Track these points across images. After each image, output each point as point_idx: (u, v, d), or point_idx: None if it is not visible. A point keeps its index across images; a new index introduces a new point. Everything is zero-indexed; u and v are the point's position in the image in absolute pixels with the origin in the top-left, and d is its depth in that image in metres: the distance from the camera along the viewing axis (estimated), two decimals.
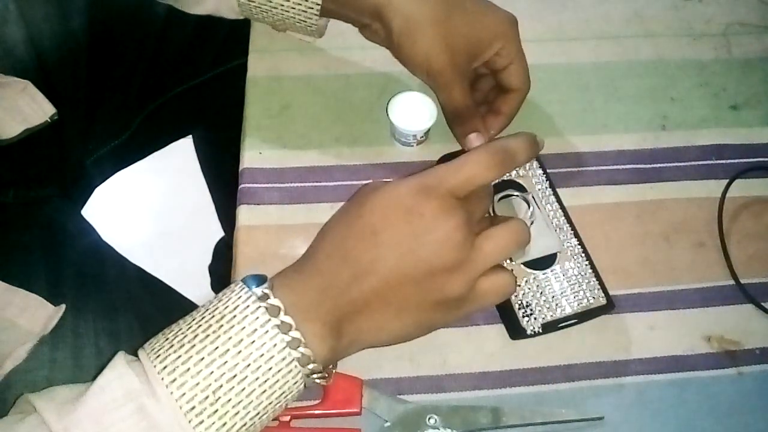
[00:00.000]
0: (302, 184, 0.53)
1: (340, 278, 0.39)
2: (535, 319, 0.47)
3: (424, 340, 0.47)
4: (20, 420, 0.36)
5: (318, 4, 0.53)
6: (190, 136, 0.90)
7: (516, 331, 0.47)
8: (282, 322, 0.38)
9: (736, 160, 0.56)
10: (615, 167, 0.55)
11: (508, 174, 0.52)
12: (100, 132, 0.71)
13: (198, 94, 0.75)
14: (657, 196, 0.54)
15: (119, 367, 0.37)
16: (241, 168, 0.54)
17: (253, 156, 0.54)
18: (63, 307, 0.55)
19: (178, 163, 1.01)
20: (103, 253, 0.66)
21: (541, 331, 0.47)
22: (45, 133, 0.60)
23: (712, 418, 0.46)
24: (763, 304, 0.50)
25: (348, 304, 0.39)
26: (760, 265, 0.52)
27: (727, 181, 0.54)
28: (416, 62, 0.51)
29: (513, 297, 0.48)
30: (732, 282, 0.51)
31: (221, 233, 1.07)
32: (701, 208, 0.54)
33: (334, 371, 0.43)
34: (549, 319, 0.47)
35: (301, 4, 0.53)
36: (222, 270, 1.08)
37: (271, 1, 0.53)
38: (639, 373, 0.47)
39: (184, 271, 0.92)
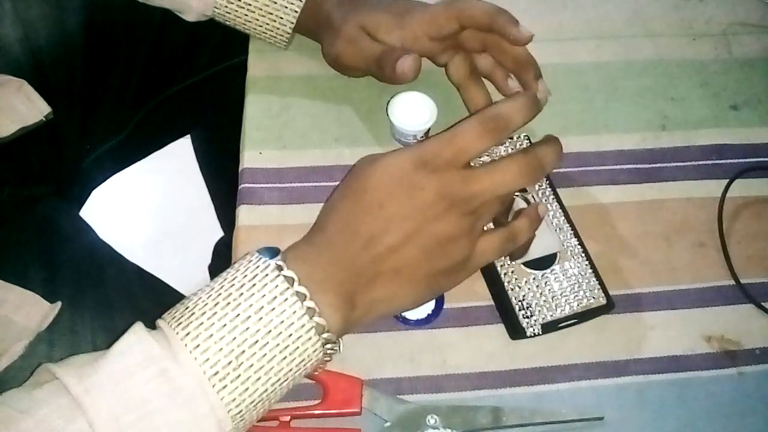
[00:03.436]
0: (302, 184, 0.53)
1: (351, 251, 0.41)
2: (535, 319, 0.47)
3: (424, 340, 0.48)
4: (38, 386, 0.36)
5: (288, 32, 0.56)
6: (189, 135, 0.90)
7: (516, 331, 0.47)
8: (297, 291, 0.38)
9: (736, 160, 0.56)
10: (615, 167, 0.55)
11: None
12: (97, 131, 0.71)
13: (195, 93, 0.75)
14: (657, 196, 0.54)
15: (139, 332, 0.37)
16: (241, 168, 0.54)
17: (253, 156, 0.54)
18: (59, 304, 0.55)
19: (176, 163, 1.01)
20: (100, 252, 0.66)
21: (540, 331, 0.47)
22: (40, 132, 0.60)
23: (712, 418, 0.46)
24: (763, 304, 0.50)
25: (360, 275, 0.41)
26: (760, 265, 0.52)
27: (727, 181, 0.54)
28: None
29: (513, 297, 0.48)
30: (732, 282, 0.51)
31: (221, 233, 1.07)
32: (701, 208, 0.54)
33: (341, 345, 0.43)
34: (549, 319, 0.47)
35: (272, 30, 0.56)
36: (222, 270, 1.07)
37: (245, 24, 0.56)
38: (639, 373, 0.47)
39: (183, 271, 0.92)
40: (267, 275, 0.39)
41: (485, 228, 0.45)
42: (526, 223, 0.45)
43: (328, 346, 0.40)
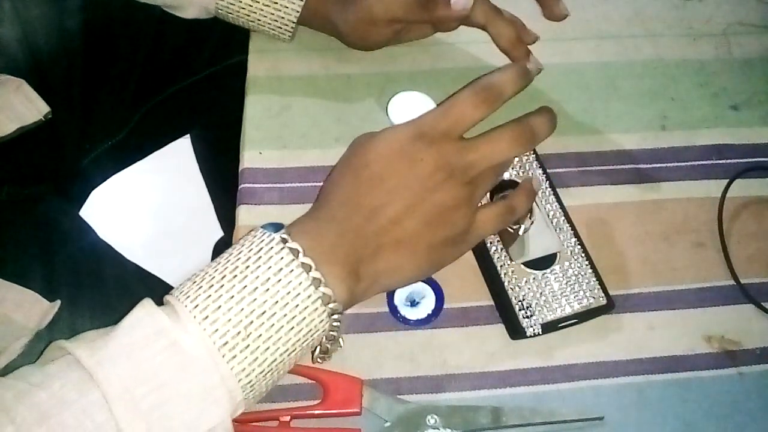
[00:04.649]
0: (302, 184, 0.53)
1: (355, 223, 0.41)
2: (535, 319, 0.47)
3: (424, 340, 0.47)
4: (50, 361, 0.36)
5: (293, 21, 0.56)
6: (189, 135, 0.90)
7: (516, 331, 0.47)
8: (302, 263, 0.39)
9: (736, 160, 0.56)
10: (615, 167, 0.55)
11: (507, 174, 0.52)
12: (96, 131, 0.71)
13: (195, 93, 0.75)
14: (657, 196, 0.54)
15: (148, 306, 0.38)
16: (241, 168, 0.54)
17: (253, 156, 0.54)
18: (58, 302, 0.55)
19: (176, 163, 1.01)
20: (100, 251, 0.66)
21: (540, 331, 0.47)
22: (39, 131, 0.60)
23: (712, 418, 0.46)
24: (763, 304, 0.50)
25: (364, 247, 0.41)
26: (760, 265, 0.52)
27: (727, 181, 0.54)
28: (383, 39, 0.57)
29: (513, 297, 0.48)
30: (732, 282, 0.51)
31: (221, 233, 1.07)
32: (701, 208, 0.54)
33: (342, 340, 0.44)
34: (549, 319, 0.47)
35: (277, 20, 0.56)
36: None
37: (249, 15, 0.56)
38: (639, 373, 0.47)
39: (183, 271, 0.92)
40: (272, 248, 0.39)
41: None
42: (523, 195, 0.46)
43: (335, 317, 0.40)
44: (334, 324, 0.40)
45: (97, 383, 0.35)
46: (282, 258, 0.39)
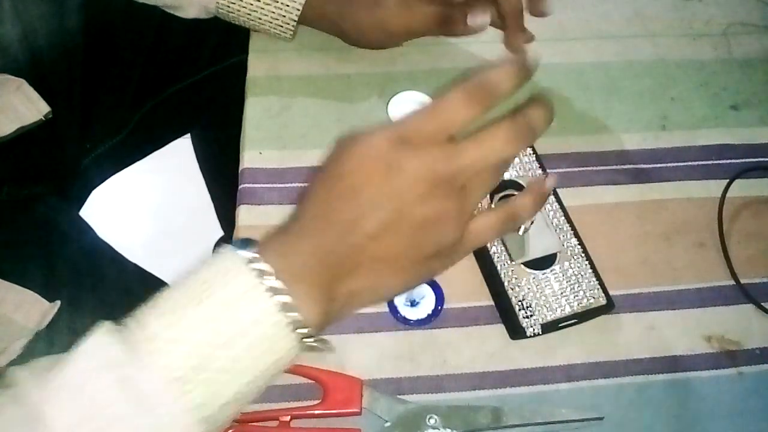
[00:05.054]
0: (302, 184, 0.53)
1: (327, 240, 0.37)
2: (535, 319, 0.47)
3: (424, 340, 0.47)
4: (2, 390, 0.34)
5: (294, 20, 0.55)
6: (189, 135, 0.90)
7: (516, 331, 0.47)
8: (270, 286, 0.35)
9: (736, 160, 0.56)
10: (615, 167, 0.55)
11: (507, 174, 0.52)
12: (97, 131, 0.71)
13: (195, 93, 0.75)
14: (657, 196, 0.54)
15: (99, 335, 0.35)
16: (241, 168, 0.54)
17: (253, 156, 0.54)
18: (58, 303, 0.55)
19: (177, 162, 1.01)
20: (100, 252, 0.66)
21: (540, 331, 0.47)
22: (39, 131, 0.60)
23: (712, 418, 0.46)
24: (763, 304, 0.50)
25: (338, 265, 0.37)
26: (760, 265, 0.52)
27: (727, 181, 0.54)
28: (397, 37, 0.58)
29: (513, 297, 0.48)
30: (732, 282, 0.51)
31: (221, 233, 1.07)
32: (701, 208, 0.54)
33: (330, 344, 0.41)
34: (549, 319, 0.47)
35: (278, 19, 0.55)
36: None
37: (250, 14, 0.56)
38: (639, 373, 0.47)
39: (183, 270, 0.92)
40: (235, 269, 0.35)
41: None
42: (530, 200, 0.40)
43: (307, 340, 0.37)
44: (308, 345, 0.37)
45: (43, 421, 0.32)
46: (247, 281, 0.35)
